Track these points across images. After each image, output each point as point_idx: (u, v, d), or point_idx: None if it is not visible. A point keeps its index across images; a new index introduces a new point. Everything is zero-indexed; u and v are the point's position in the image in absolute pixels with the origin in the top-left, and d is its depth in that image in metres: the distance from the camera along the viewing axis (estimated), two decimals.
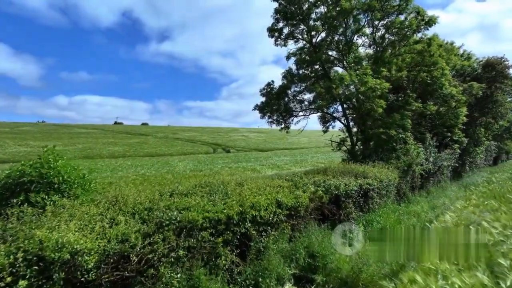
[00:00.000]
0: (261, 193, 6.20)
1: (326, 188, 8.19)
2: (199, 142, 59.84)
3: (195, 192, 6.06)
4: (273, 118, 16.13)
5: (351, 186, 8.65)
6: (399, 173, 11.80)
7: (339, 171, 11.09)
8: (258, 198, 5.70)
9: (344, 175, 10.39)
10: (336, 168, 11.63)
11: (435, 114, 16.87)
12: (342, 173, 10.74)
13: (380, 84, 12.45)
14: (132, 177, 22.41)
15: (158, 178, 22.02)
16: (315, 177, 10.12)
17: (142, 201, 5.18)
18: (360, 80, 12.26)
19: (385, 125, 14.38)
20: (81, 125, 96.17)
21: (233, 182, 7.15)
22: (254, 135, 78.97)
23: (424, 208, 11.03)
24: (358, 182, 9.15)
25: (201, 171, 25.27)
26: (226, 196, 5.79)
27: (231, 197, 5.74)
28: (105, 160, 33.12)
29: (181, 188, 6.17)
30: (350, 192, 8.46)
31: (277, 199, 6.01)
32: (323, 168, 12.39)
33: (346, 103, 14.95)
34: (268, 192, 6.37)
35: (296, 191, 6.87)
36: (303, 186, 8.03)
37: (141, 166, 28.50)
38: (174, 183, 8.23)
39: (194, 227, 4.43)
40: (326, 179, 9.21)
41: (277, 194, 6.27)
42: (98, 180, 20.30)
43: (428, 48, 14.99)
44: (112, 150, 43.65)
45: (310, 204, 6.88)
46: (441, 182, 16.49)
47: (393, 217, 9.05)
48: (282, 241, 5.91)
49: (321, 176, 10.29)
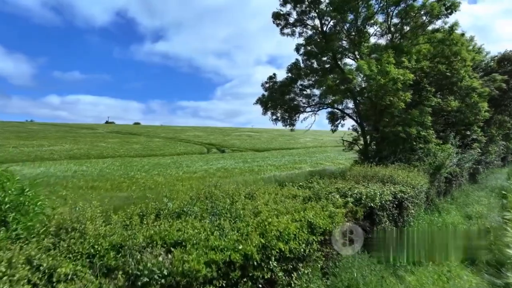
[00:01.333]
0: (284, 211, 4.47)
1: (356, 198, 6.50)
2: (193, 142, 57.80)
3: (192, 210, 4.28)
4: (277, 115, 14.37)
5: (385, 195, 6.95)
6: (427, 177, 10.17)
7: (360, 175, 9.41)
8: (284, 221, 3.95)
9: (368, 180, 8.73)
10: (355, 172, 9.96)
11: (454, 110, 15.33)
12: (364, 178, 9.07)
13: (403, 74, 10.78)
14: (119, 180, 20.48)
15: (149, 181, 20.11)
16: (335, 183, 8.45)
17: (111, 230, 3.39)
18: (381, 70, 10.58)
19: (402, 123, 12.78)
20: (70, 124, 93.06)
21: (242, 193, 5.40)
22: (250, 135, 77.18)
23: (458, 218, 9.43)
24: (392, 190, 7.46)
25: (195, 172, 23.43)
26: (238, 218, 4.02)
27: (244, 218, 3.98)
28: (92, 161, 31.01)
29: (171, 206, 4.38)
30: (385, 203, 6.77)
31: (309, 221, 4.25)
32: (339, 170, 10.69)
33: (360, 98, 13.29)
34: (293, 208, 4.62)
35: (329, 206, 5.12)
36: (328, 196, 6.33)
37: (130, 167, 26.50)
38: (164, 191, 6.53)
39: (192, 281, 2.65)
40: (352, 186, 7.53)
41: (306, 213, 4.51)
42: (81, 183, 17.84)
43: (450, 36, 13.40)
44: (101, 150, 41.41)
45: (345, 223, 5.15)
46: (461, 185, 14.95)
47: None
48: (315, 278, 4.18)
49: (342, 182, 8.61)
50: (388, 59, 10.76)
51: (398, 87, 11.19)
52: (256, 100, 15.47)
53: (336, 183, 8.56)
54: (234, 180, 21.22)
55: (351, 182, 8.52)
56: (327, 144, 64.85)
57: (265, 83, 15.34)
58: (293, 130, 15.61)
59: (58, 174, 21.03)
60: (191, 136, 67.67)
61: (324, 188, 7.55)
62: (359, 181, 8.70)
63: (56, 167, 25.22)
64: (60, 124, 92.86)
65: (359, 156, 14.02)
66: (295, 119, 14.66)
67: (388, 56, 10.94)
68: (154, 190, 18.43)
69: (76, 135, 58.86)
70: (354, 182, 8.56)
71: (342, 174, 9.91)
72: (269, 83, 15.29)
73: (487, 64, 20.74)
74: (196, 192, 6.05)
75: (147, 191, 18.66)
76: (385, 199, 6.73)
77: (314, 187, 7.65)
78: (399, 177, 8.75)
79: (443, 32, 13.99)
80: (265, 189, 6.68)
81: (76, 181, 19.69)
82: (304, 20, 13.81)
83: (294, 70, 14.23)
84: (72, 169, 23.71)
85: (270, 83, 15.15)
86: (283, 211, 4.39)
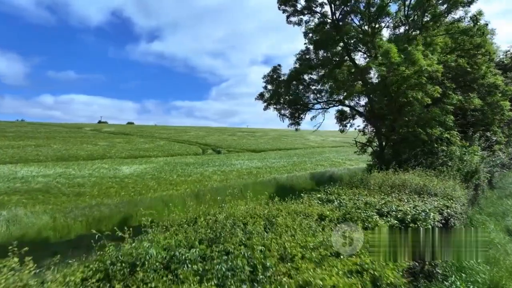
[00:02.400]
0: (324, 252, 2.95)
1: (399, 219, 5.04)
2: (187, 143, 56.06)
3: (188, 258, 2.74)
4: (285, 111, 12.87)
5: (432, 213, 5.49)
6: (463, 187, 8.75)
7: (385, 183, 7.96)
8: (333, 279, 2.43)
9: (398, 191, 7.28)
10: (378, 179, 8.50)
11: (474, 109, 13.98)
12: (393, 188, 7.61)
13: (431, 65, 9.35)
14: (107, 184, 18.83)
15: (139, 186, 18.50)
16: (358, 194, 7.00)
17: None
18: (409, 59, 9.13)
19: (422, 122, 11.39)
20: (61, 124, 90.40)
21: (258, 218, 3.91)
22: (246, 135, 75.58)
23: (501, 236, 8.02)
24: (435, 206, 6.00)
25: (190, 176, 21.84)
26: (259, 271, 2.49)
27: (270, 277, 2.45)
28: (80, 163, 29.23)
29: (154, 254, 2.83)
30: (434, 224, 5.30)
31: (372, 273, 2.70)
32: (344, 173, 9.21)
33: (374, 94, 11.85)
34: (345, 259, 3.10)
35: None
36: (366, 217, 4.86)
37: (120, 169, 24.78)
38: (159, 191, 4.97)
39: None
40: (386, 201, 6.07)
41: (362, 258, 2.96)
42: (64, 188, 16.07)
43: (475, 26, 12.05)
44: (91, 150, 39.53)
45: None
46: (484, 192, 13.59)
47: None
48: None
49: (367, 193, 7.16)
50: (417, 46, 9.30)
51: (422, 80, 9.79)
52: (257, 95, 14.02)
53: (360, 194, 7.13)
54: (232, 185, 19.72)
55: (379, 193, 7.07)
56: (325, 145, 63.60)
57: (268, 75, 13.86)
58: (298, 130, 14.15)
59: (40, 180, 19.28)
60: (186, 136, 65.95)
61: (351, 202, 6.13)
62: (388, 192, 7.25)
63: (41, 170, 23.44)
64: (50, 124, 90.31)
65: (373, 160, 12.59)
66: (301, 117, 13.18)
67: (417, 43, 9.49)
68: (144, 196, 16.86)
69: (66, 135, 56.82)
70: (382, 193, 7.12)
71: (363, 182, 8.44)
72: (272, 75, 13.81)
73: (501, 60, 19.51)
74: (192, 214, 4.55)
75: (137, 197, 17.11)
76: (436, 219, 5.25)
77: (340, 201, 6.20)
78: (434, 187, 7.31)
79: (463, 22, 12.69)
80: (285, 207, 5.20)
81: (60, 186, 18.03)
82: (312, 7, 12.36)
83: (303, 60, 12.70)
84: (57, 172, 21.95)
85: (274, 75, 13.66)
86: (323, 254, 2.91)
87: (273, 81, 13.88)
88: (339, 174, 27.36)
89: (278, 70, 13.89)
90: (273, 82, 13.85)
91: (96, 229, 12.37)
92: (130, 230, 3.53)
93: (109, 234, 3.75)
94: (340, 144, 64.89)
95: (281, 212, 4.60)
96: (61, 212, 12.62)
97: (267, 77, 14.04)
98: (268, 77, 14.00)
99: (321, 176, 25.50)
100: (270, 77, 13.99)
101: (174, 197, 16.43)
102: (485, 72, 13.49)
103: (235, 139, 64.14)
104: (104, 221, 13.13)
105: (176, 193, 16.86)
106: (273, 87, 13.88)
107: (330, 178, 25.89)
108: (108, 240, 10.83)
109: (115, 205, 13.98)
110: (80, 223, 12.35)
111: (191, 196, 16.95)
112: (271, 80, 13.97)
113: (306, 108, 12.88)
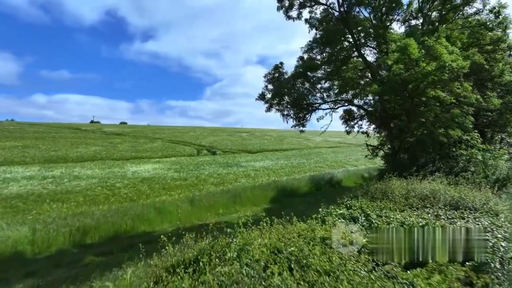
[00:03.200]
0: None
1: None
2: (181, 143, 54.65)
3: None
4: (285, 113, 11.78)
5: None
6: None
7: (412, 194, 6.92)
8: None
9: (431, 204, 6.24)
10: (400, 188, 7.45)
11: (490, 109, 13.06)
12: (423, 200, 6.58)
13: (455, 61, 8.32)
14: (96, 190, 17.54)
15: (131, 191, 17.25)
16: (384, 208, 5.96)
17: None
18: (431, 54, 8.11)
19: (439, 124, 10.40)
20: (50, 124, 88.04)
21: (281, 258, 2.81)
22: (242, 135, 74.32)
23: None
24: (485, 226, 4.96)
25: (186, 179, 20.62)
26: None
27: None
28: (69, 165, 27.77)
29: None
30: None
31: None
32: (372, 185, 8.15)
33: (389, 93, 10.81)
34: None
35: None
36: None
37: (111, 172, 23.45)
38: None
39: None
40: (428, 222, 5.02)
41: None
42: (46, 193, 14.56)
43: (497, 19, 11.11)
44: (81, 152, 37.98)
45: None
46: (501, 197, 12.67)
47: None
48: None
49: (393, 205, 6.12)
50: (440, 40, 8.27)
51: (444, 76, 8.77)
52: (258, 95, 12.91)
53: (386, 207, 6.09)
54: (229, 190, 18.57)
55: (407, 207, 6.03)
56: (321, 145, 62.66)
57: (269, 73, 12.76)
58: (303, 132, 13.05)
59: (24, 183, 17.94)
60: (180, 136, 64.53)
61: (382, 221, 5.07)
62: (418, 205, 6.22)
63: (25, 173, 22.00)
64: (40, 124, 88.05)
65: (384, 165, 11.55)
66: (306, 118, 12.09)
67: (440, 35, 8.46)
68: (136, 203, 15.62)
69: (56, 136, 55.03)
70: (411, 206, 6.08)
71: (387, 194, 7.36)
72: (274, 74, 12.72)
73: None
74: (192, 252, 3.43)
75: (127, 204, 15.86)
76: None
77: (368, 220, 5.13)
78: (473, 200, 6.27)
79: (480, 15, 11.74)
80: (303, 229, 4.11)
81: (44, 192, 16.67)
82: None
83: (308, 56, 11.61)
84: (41, 176, 20.54)
85: (276, 74, 12.57)
86: None
87: (275, 80, 12.79)
88: (339, 176, 26.46)
89: (280, 68, 12.81)
90: (275, 81, 12.76)
91: (81, 241, 10.93)
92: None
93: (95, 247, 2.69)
94: (336, 144, 64.16)
95: (306, 241, 3.48)
96: (42, 223, 11.34)
97: (269, 75, 12.94)
98: (270, 76, 12.91)
99: (321, 178, 24.53)
100: (271, 76, 12.89)
101: (167, 203, 15.26)
102: (502, 69, 12.56)
103: (230, 140, 62.90)
104: (90, 232, 11.89)
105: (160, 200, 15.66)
106: (275, 87, 12.79)
107: (330, 180, 24.96)
108: (92, 255, 9.32)
109: (102, 215, 12.74)
110: (62, 235, 11.09)
111: (186, 202, 15.79)
112: (272, 79, 12.88)
113: (312, 109, 11.80)
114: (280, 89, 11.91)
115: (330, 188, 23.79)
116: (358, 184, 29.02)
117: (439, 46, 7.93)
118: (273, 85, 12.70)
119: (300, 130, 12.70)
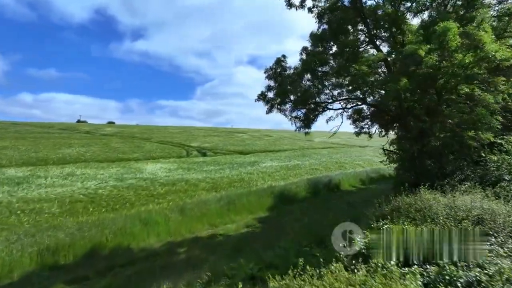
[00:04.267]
0: None
1: None
2: (170, 144, 52.73)
3: None
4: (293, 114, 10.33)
5: None
6: None
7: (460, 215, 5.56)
8: None
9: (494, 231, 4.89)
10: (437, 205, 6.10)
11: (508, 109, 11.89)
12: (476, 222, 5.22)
13: (499, 51, 7.01)
14: (76, 196, 15.73)
15: (113, 200, 15.51)
16: None
17: None
18: (471, 43, 6.79)
19: (465, 125, 9.14)
20: (33, 123, 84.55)
21: None
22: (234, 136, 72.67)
23: None
24: None
25: (174, 184, 18.99)
26: None
27: None
28: (49, 168, 25.72)
29: None
30: None
31: None
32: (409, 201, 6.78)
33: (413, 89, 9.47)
34: None
35: None
36: None
37: (94, 175, 21.58)
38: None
39: None
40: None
41: None
42: (15, 202, 12.63)
43: None
44: (64, 153, 35.79)
45: None
46: None
47: None
48: None
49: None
50: (483, 25, 6.93)
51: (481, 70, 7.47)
52: (258, 95, 11.45)
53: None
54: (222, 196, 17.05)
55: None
56: (314, 146, 61.58)
57: (270, 68, 11.29)
58: (308, 134, 11.63)
59: None
60: (169, 136, 62.52)
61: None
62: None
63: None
64: (22, 123, 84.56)
65: (400, 171, 10.23)
66: (314, 119, 10.67)
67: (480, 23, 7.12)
68: (118, 212, 13.94)
69: (38, 136, 52.41)
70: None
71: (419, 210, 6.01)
72: (275, 69, 11.27)
73: None
74: None
75: (109, 214, 14.17)
76: None
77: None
78: None
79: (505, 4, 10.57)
80: None
81: (13, 200, 14.76)
82: None
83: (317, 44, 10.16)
84: (16, 180, 18.59)
85: (277, 69, 11.11)
86: None
87: (277, 76, 11.34)
88: (337, 179, 25.26)
89: (283, 62, 11.35)
90: (277, 77, 11.31)
91: (52, 262, 8.91)
92: None
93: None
94: (329, 145, 63.13)
95: None
96: (3, 241, 9.61)
97: (270, 71, 11.49)
98: (271, 72, 11.45)
99: (319, 182, 23.35)
100: (273, 72, 11.44)
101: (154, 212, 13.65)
102: None
103: (222, 140, 61.22)
104: (63, 250, 10.19)
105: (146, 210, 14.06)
106: (276, 84, 11.35)
107: (328, 184, 23.74)
108: (63, 283, 7.29)
109: (78, 228, 11.06)
110: (29, 256, 9.38)
111: (175, 211, 14.21)
112: (274, 74, 11.43)
113: (323, 108, 10.38)
114: (284, 87, 10.45)
115: (328, 192, 22.66)
116: (357, 187, 27.70)
117: (484, 34, 6.62)
118: (275, 82, 11.24)
119: (305, 132, 11.27)
